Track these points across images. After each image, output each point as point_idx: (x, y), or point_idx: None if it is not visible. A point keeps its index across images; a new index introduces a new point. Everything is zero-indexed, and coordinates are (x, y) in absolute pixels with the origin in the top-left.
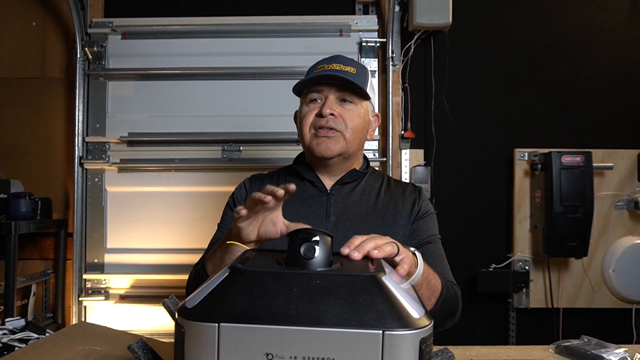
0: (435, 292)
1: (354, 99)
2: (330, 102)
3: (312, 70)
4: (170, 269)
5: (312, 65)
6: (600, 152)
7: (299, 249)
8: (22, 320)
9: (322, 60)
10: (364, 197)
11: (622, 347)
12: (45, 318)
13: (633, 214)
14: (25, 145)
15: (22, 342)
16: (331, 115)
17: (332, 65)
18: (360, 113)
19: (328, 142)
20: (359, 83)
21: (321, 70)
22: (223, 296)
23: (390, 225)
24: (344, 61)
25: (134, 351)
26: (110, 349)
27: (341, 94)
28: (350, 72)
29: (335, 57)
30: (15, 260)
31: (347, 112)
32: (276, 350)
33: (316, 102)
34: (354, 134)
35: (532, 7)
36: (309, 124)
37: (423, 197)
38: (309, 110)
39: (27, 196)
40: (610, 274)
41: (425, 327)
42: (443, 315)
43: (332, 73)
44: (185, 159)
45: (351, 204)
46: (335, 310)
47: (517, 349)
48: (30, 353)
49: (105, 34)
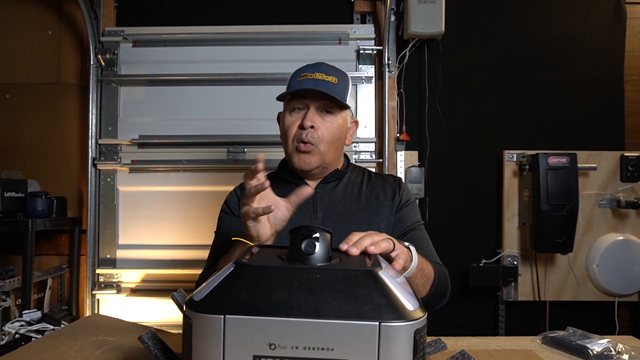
0: (429, 279)
1: (334, 109)
2: (311, 113)
3: (296, 77)
4: (178, 264)
5: (296, 70)
6: (585, 154)
7: (300, 245)
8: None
9: (306, 67)
10: (347, 192)
11: (605, 337)
12: (60, 310)
13: (615, 212)
14: (41, 147)
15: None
16: (311, 129)
17: (315, 74)
18: (338, 124)
19: (306, 157)
20: (340, 93)
21: (304, 79)
22: (228, 289)
23: (374, 215)
24: (326, 70)
25: (144, 341)
26: (122, 340)
27: (322, 104)
28: (331, 82)
29: (318, 64)
30: (32, 255)
31: (325, 125)
32: (278, 341)
33: (299, 111)
34: (328, 146)
35: (520, 17)
36: (292, 135)
37: (403, 187)
38: (292, 120)
39: (43, 195)
40: (594, 269)
41: (419, 319)
42: (436, 298)
43: (315, 85)
44: (192, 160)
45: (336, 200)
46: (334, 303)
47: (506, 339)
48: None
49: (117, 42)
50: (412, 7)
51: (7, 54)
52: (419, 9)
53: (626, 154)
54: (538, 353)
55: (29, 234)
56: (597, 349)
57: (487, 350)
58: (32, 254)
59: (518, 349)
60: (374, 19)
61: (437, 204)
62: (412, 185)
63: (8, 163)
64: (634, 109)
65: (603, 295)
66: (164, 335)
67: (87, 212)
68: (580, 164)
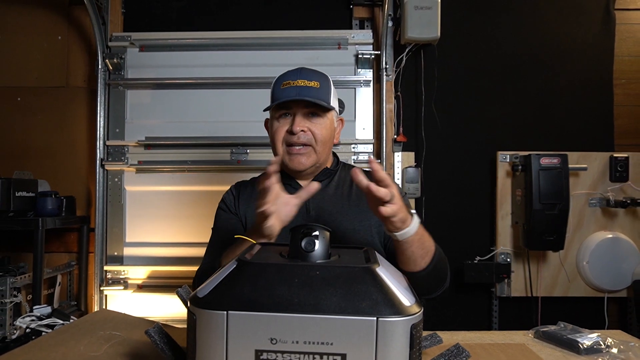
0: (428, 252)
1: (319, 112)
2: (298, 119)
3: (279, 85)
4: (183, 261)
5: (278, 77)
6: (576, 155)
7: (300, 242)
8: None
9: (287, 75)
10: (338, 190)
11: (595, 332)
12: (69, 306)
13: (605, 211)
14: (51, 148)
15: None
16: (302, 132)
17: (297, 81)
18: (327, 125)
19: (300, 158)
20: (323, 96)
21: (287, 87)
22: (231, 286)
23: (366, 212)
24: (307, 75)
25: (151, 335)
26: (129, 334)
27: (308, 109)
28: (314, 87)
29: (299, 71)
30: (42, 253)
31: (315, 126)
32: (280, 336)
33: (286, 117)
34: (323, 145)
35: (513, 23)
36: (281, 139)
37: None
38: (279, 125)
39: (53, 195)
40: (584, 266)
41: (415, 314)
42: (436, 278)
43: (298, 94)
44: (197, 161)
45: (327, 198)
46: (333, 299)
47: (500, 334)
48: (56, 337)
49: (124, 47)
50: (408, 13)
51: (19, 59)
52: (416, 15)
53: (615, 155)
54: (530, 347)
55: (39, 232)
56: (587, 343)
57: (481, 344)
58: (42, 251)
59: (511, 343)
60: (372, 25)
61: (432, 203)
62: (409, 185)
63: (19, 164)
64: (622, 111)
65: (593, 291)
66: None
67: (95, 211)
68: (571, 165)
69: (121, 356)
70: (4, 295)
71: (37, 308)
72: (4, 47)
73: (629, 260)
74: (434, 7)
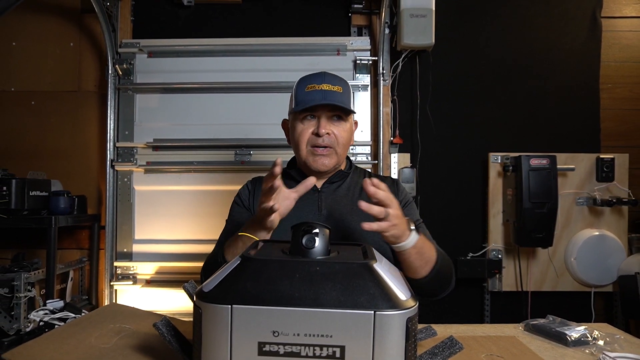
0: (428, 262)
1: (343, 115)
2: (324, 122)
3: (303, 87)
4: (190, 257)
5: (300, 80)
6: (564, 156)
7: (301, 239)
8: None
9: (312, 77)
10: (350, 192)
11: (582, 325)
12: (81, 300)
13: (592, 210)
14: (64, 150)
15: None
16: (327, 135)
17: (322, 85)
18: (347, 128)
19: (324, 159)
20: (346, 101)
21: (313, 90)
22: (235, 281)
23: None
24: (331, 80)
25: (159, 328)
26: (138, 327)
27: (332, 113)
28: (338, 92)
29: (323, 75)
30: (55, 249)
31: (338, 129)
32: (281, 328)
33: (311, 120)
34: (344, 147)
35: (504, 30)
36: (306, 141)
37: (401, 189)
38: (304, 128)
39: (66, 194)
40: (572, 262)
41: (411, 308)
42: (438, 284)
43: (324, 98)
44: (203, 162)
45: (339, 199)
46: (332, 293)
47: (491, 326)
48: (68, 330)
49: (133, 53)
50: (404, 21)
51: (33, 64)
52: (411, 23)
53: (602, 156)
54: (520, 339)
55: (52, 230)
56: (575, 335)
57: (473, 336)
58: (55, 248)
59: (502, 335)
60: (369, 32)
61: (427, 202)
62: (405, 184)
63: (33, 164)
64: (608, 114)
65: (580, 286)
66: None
67: (105, 210)
68: (559, 165)
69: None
70: (18, 289)
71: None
72: (19, 53)
73: (615, 257)
74: (428, 15)
